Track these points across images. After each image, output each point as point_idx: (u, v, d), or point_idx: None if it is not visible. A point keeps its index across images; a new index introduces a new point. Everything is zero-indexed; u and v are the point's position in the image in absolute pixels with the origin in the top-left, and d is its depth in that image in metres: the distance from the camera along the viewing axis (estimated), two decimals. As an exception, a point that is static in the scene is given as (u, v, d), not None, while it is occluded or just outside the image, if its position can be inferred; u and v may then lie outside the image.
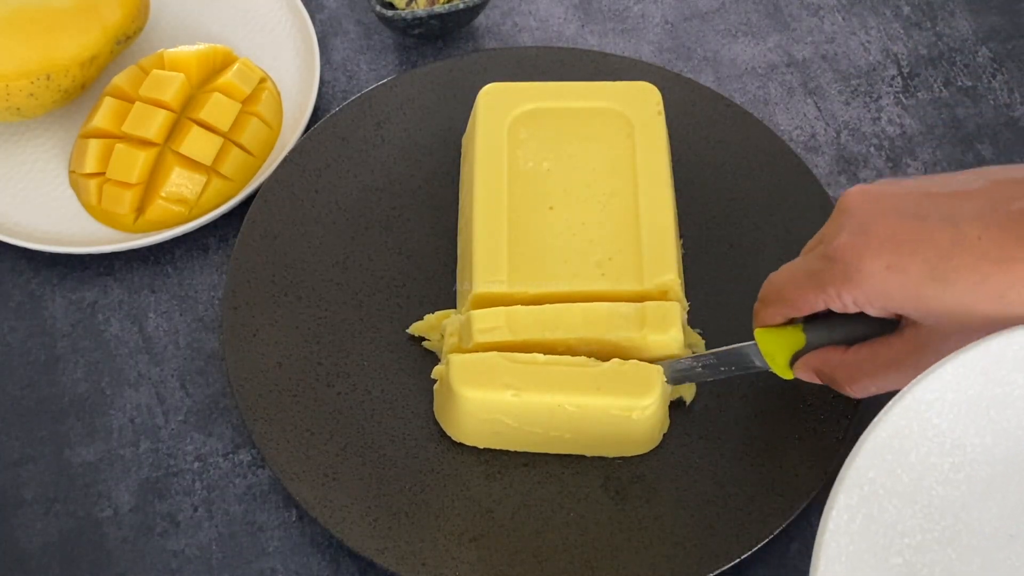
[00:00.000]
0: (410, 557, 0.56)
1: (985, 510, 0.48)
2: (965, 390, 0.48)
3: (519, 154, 0.63)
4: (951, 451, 0.48)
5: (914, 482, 0.47)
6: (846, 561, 0.46)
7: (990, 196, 0.47)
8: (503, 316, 0.57)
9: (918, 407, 0.48)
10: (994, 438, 0.48)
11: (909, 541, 0.47)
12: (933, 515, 0.47)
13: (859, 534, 0.46)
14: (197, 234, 0.69)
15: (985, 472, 0.48)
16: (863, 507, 0.46)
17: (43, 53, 0.66)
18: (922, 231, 0.47)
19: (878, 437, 0.47)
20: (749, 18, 0.78)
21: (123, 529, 0.59)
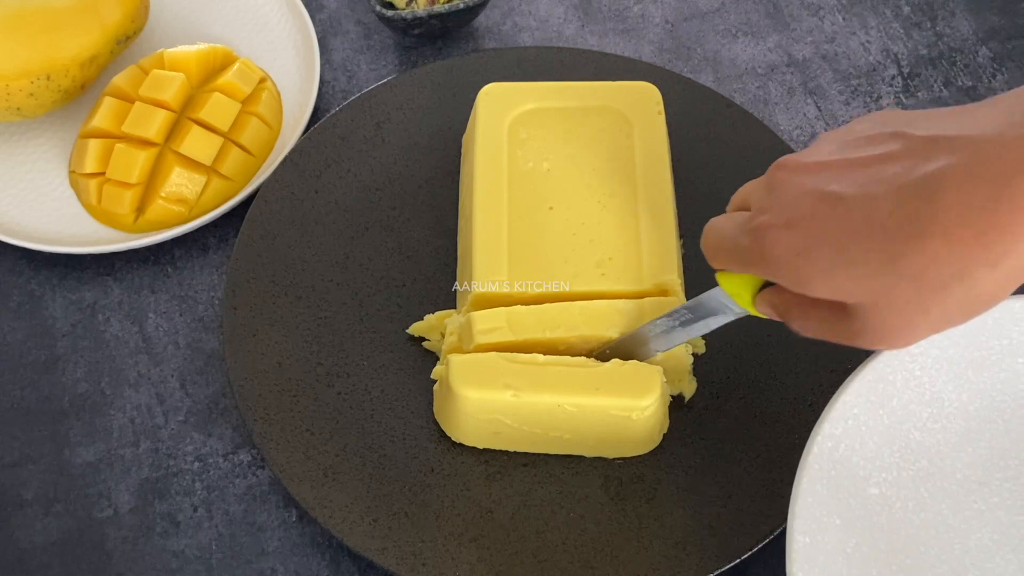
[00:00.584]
0: (410, 557, 0.56)
1: (957, 459, 0.51)
2: (947, 349, 0.52)
3: (519, 154, 0.63)
4: (930, 402, 0.52)
5: (894, 425, 0.51)
6: (827, 483, 0.49)
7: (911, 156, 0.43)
8: (504, 316, 0.57)
9: (903, 358, 0.51)
10: (970, 396, 0.52)
11: (886, 476, 0.50)
12: (909, 456, 0.51)
13: (841, 462, 0.50)
14: (197, 234, 0.69)
15: (960, 425, 0.52)
16: (846, 438, 0.50)
17: (43, 53, 0.66)
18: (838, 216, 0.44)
19: (864, 379, 0.51)
20: (749, 18, 0.78)
21: (123, 529, 0.59)
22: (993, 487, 0.51)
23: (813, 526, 0.48)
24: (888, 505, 0.50)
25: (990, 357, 0.52)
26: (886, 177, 0.43)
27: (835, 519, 0.49)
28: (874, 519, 0.50)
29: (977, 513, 0.51)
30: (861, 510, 0.50)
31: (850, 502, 0.49)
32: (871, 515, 0.50)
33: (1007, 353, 0.53)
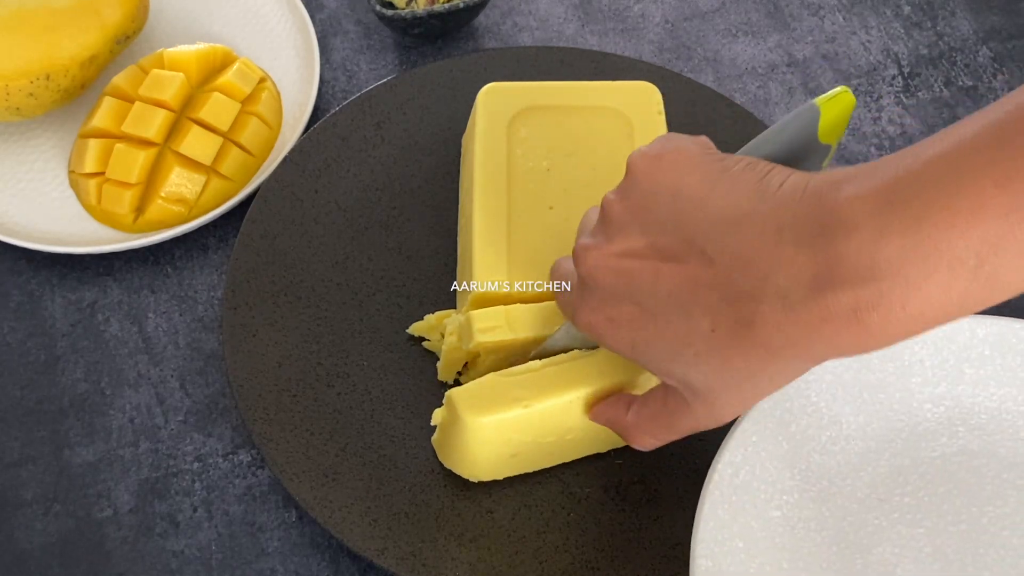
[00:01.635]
0: (410, 557, 0.56)
1: (858, 478, 0.53)
2: (841, 374, 0.54)
3: (519, 154, 0.63)
4: (828, 426, 0.54)
5: (794, 449, 0.53)
6: (728, 508, 0.51)
7: (722, 283, 0.43)
8: (503, 315, 0.57)
9: (798, 385, 0.54)
10: (867, 417, 0.54)
11: (787, 498, 0.52)
12: (810, 478, 0.53)
13: (741, 487, 0.51)
14: (197, 234, 0.69)
15: (859, 446, 0.54)
16: (746, 464, 0.52)
17: (43, 53, 0.66)
18: (659, 321, 0.46)
19: (762, 407, 0.53)
20: (749, 18, 0.78)
21: (123, 529, 0.59)
22: (893, 503, 0.53)
23: (716, 550, 0.50)
24: (790, 526, 0.52)
25: (885, 379, 0.55)
26: (701, 301, 0.44)
27: (737, 542, 0.50)
28: (776, 540, 0.51)
29: (878, 529, 0.52)
30: (763, 532, 0.51)
31: (752, 525, 0.51)
32: (773, 536, 0.51)
33: (900, 375, 0.55)
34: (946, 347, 0.55)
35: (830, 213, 0.40)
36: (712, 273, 0.44)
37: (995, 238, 0.37)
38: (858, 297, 0.39)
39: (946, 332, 0.55)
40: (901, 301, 0.38)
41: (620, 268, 0.47)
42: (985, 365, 0.56)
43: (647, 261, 0.46)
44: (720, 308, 0.44)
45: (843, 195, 0.40)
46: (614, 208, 0.48)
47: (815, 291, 0.40)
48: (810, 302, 0.40)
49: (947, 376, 0.55)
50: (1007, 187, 0.37)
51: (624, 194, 0.48)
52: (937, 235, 0.37)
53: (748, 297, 0.42)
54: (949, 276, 0.38)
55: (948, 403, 0.55)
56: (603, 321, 0.48)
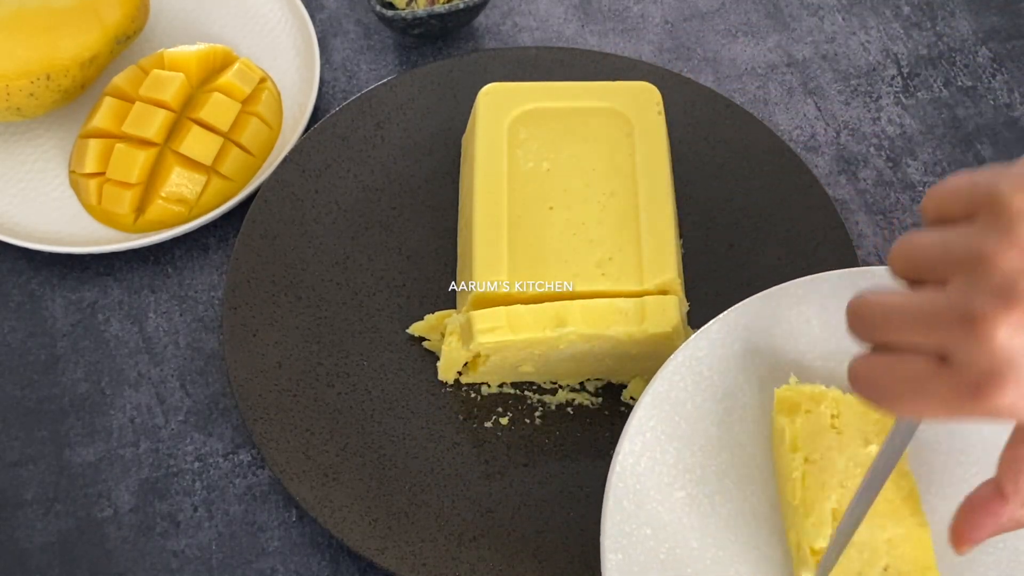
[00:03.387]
0: (410, 557, 0.56)
1: (757, 445, 0.53)
2: (731, 345, 0.54)
3: (519, 154, 0.63)
4: (723, 398, 0.54)
5: (691, 426, 0.53)
6: (633, 497, 0.51)
7: None
8: (504, 315, 0.57)
9: (690, 363, 0.53)
10: (760, 383, 0.54)
11: (690, 476, 0.52)
12: (711, 452, 0.53)
13: (644, 474, 0.51)
14: (197, 234, 0.69)
15: (756, 413, 0.54)
16: (646, 452, 0.52)
17: (43, 53, 0.66)
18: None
19: (656, 391, 0.53)
20: (749, 18, 0.79)
21: (123, 529, 0.59)
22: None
23: (624, 542, 0.50)
24: (696, 504, 0.52)
25: (773, 343, 0.54)
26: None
27: (645, 530, 0.50)
28: (684, 520, 0.51)
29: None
30: (670, 515, 0.51)
31: (658, 510, 0.51)
32: (680, 517, 0.51)
33: (788, 337, 0.54)
34: (831, 303, 0.54)
35: None
36: None
37: None
38: None
39: (829, 288, 0.54)
40: None
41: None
42: None
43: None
44: None
45: None
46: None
47: None
48: None
49: (835, 333, 0.54)
50: None
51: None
52: None
53: None
54: None
55: (839, 359, 0.54)
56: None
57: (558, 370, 0.61)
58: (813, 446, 0.50)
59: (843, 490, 0.49)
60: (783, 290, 0.54)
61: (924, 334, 0.36)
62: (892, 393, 0.37)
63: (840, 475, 0.49)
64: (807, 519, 0.48)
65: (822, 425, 0.50)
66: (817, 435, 0.50)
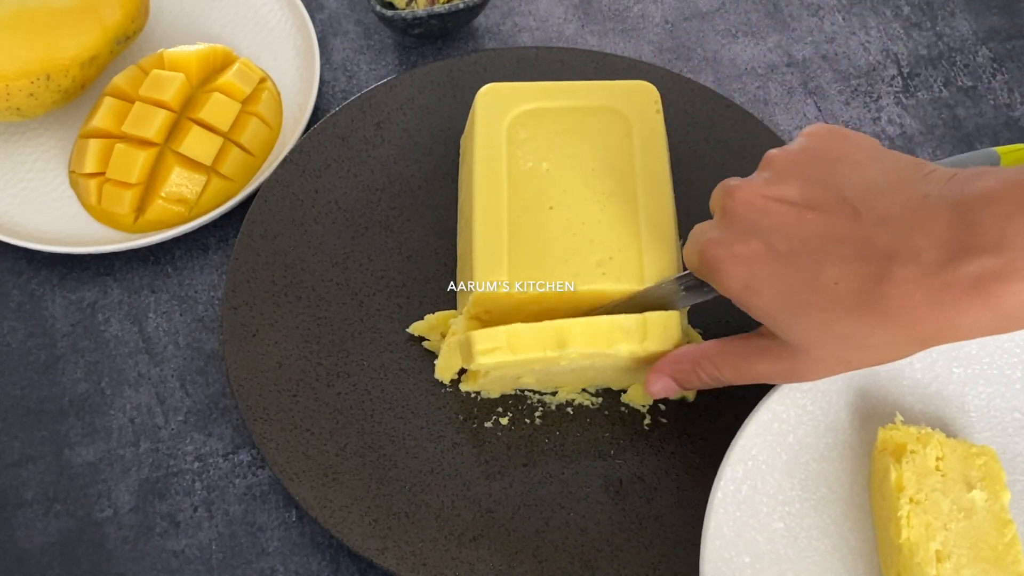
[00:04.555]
0: (410, 557, 0.56)
1: (856, 483, 0.54)
2: (834, 381, 0.55)
3: (518, 154, 0.63)
4: (825, 433, 0.55)
5: (793, 459, 0.54)
6: (733, 525, 0.51)
7: (861, 238, 0.46)
8: (503, 336, 0.56)
9: (794, 395, 0.54)
10: (862, 421, 0.55)
11: (789, 509, 0.53)
12: (810, 487, 0.54)
13: (745, 502, 0.52)
14: (197, 234, 0.69)
15: (857, 450, 0.55)
16: (747, 479, 0.52)
17: (43, 53, 0.66)
18: (784, 263, 0.48)
19: (760, 420, 0.54)
20: (749, 18, 0.79)
21: (123, 529, 0.59)
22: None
23: (723, 568, 0.50)
24: (793, 536, 0.52)
25: (877, 382, 0.56)
26: (835, 251, 0.46)
27: (744, 557, 0.51)
28: (780, 551, 0.52)
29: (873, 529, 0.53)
30: (768, 545, 0.52)
31: (757, 538, 0.52)
32: (778, 548, 0.52)
33: (891, 379, 0.56)
34: (935, 348, 0.55)
35: (972, 189, 0.43)
36: (855, 227, 0.46)
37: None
38: (983, 266, 0.42)
39: None
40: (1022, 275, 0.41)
41: (766, 207, 0.49)
42: (972, 364, 0.56)
43: (794, 207, 0.48)
44: (852, 263, 0.45)
45: (986, 179, 0.43)
46: (778, 158, 0.51)
47: (947, 255, 0.43)
48: (941, 267, 0.43)
49: (936, 377, 0.56)
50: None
51: (790, 152, 0.51)
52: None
53: (883, 255, 0.44)
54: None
55: (938, 403, 0.55)
56: (727, 255, 0.49)
57: (558, 380, 0.61)
58: (918, 487, 0.51)
59: (947, 532, 0.50)
60: None
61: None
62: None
63: (944, 518, 0.50)
64: (912, 559, 0.49)
65: (927, 467, 0.51)
66: (922, 476, 0.51)
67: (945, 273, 0.43)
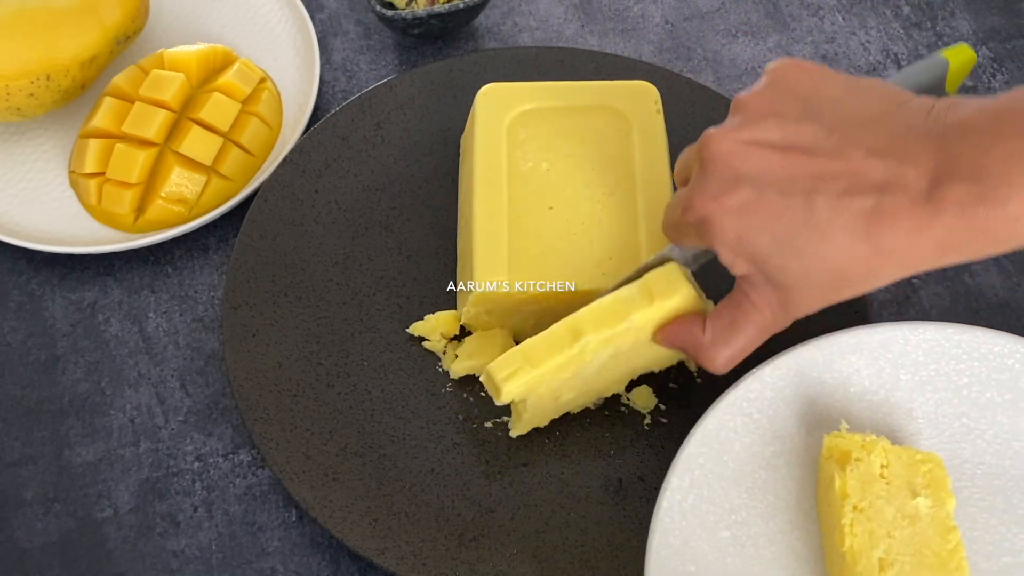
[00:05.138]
0: (410, 557, 0.56)
1: (803, 491, 0.54)
2: (781, 389, 0.55)
3: (518, 154, 0.63)
4: (772, 441, 0.54)
5: (739, 467, 0.53)
6: (679, 534, 0.51)
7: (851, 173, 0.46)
8: (518, 355, 0.56)
9: (740, 404, 0.54)
10: (809, 428, 0.55)
11: (736, 517, 0.53)
12: (756, 495, 0.53)
13: (691, 511, 0.52)
14: (197, 234, 0.69)
15: (803, 458, 0.54)
16: (694, 489, 0.52)
17: (43, 53, 0.66)
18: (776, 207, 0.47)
19: (706, 429, 0.53)
20: (749, 18, 0.79)
21: (123, 529, 0.59)
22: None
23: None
24: (740, 545, 0.52)
25: (824, 391, 0.55)
26: (826, 188, 0.47)
27: (690, 567, 0.51)
28: (727, 561, 0.52)
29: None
30: (714, 554, 0.52)
31: (703, 548, 0.51)
32: (724, 558, 0.52)
33: (839, 385, 0.55)
34: (882, 355, 0.55)
35: (953, 120, 0.45)
36: (842, 164, 0.47)
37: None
38: (968, 191, 0.44)
39: (881, 340, 0.55)
40: (1004, 199, 0.43)
41: (748, 152, 0.49)
42: (920, 371, 0.55)
43: (776, 149, 0.48)
44: (842, 198, 0.46)
45: (965, 109, 0.45)
46: (749, 102, 0.50)
47: (934, 184, 0.44)
48: (928, 195, 0.45)
49: (884, 384, 0.55)
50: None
51: (760, 92, 0.50)
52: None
53: (875, 188, 0.46)
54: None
55: (886, 411, 0.55)
56: (717, 209, 0.49)
57: (598, 385, 0.59)
58: (862, 494, 0.51)
59: (891, 540, 0.49)
60: (835, 339, 0.55)
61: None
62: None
63: (888, 525, 0.50)
64: (855, 567, 0.49)
65: (872, 474, 0.51)
66: (867, 484, 0.51)
67: (933, 202, 0.44)
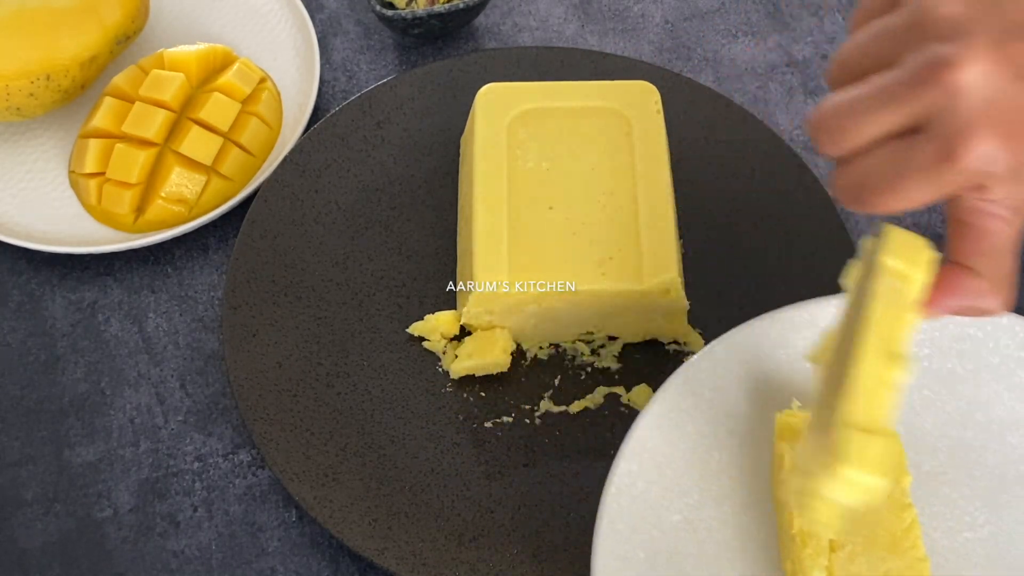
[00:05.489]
0: (410, 557, 0.56)
1: (758, 471, 0.52)
2: (733, 367, 0.53)
3: (518, 154, 0.63)
4: (724, 421, 0.52)
5: (691, 449, 0.51)
6: (627, 520, 0.49)
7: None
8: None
9: (691, 384, 0.52)
10: (762, 407, 0.52)
11: (688, 500, 0.50)
12: (709, 477, 0.51)
13: (640, 496, 0.50)
14: (197, 234, 0.69)
15: (758, 437, 0.52)
16: (644, 472, 0.50)
17: (43, 53, 0.66)
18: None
19: (656, 411, 0.51)
20: (749, 18, 0.79)
21: (123, 529, 0.59)
22: None
23: (616, 565, 0.48)
24: (692, 529, 0.50)
25: (777, 367, 0.53)
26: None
27: (639, 553, 0.49)
28: (678, 546, 0.50)
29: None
30: (664, 540, 0.50)
31: (653, 533, 0.50)
32: (675, 542, 0.50)
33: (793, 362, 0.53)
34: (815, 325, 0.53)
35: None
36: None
37: None
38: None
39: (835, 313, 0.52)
40: None
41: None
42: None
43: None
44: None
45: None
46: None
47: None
48: None
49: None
50: None
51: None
52: None
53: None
54: None
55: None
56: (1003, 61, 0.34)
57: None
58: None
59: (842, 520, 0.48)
60: (788, 313, 0.53)
61: (892, 110, 0.35)
62: (873, 185, 0.36)
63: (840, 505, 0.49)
64: (804, 550, 0.47)
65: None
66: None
67: None
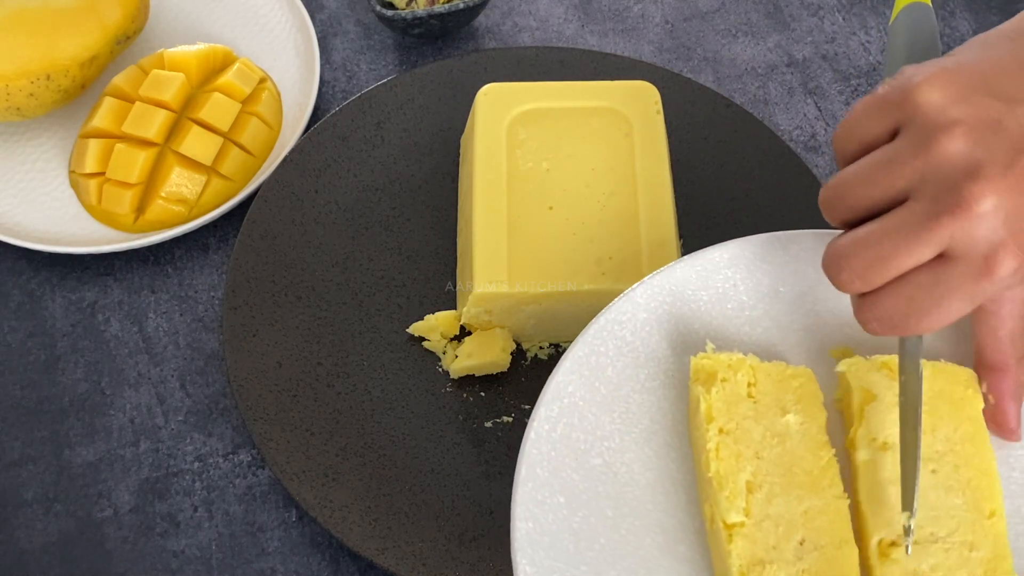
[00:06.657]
0: (410, 557, 0.56)
1: (679, 413, 0.51)
2: (654, 310, 0.52)
3: (518, 154, 0.63)
4: (646, 363, 0.51)
5: (612, 392, 0.51)
6: (547, 465, 0.49)
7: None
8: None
9: (612, 327, 0.51)
10: (684, 349, 0.52)
11: (608, 444, 0.50)
12: (631, 420, 0.50)
13: (560, 441, 0.49)
14: (197, 234, 0.69)
15: (678, 380, 0.51)
16: (563, 417, 0.50)
17: (43, 53, 0.66)
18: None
19: (576, 356, 0.50)
20: (749, 18, 0.79)
21: (123, 529, 0.59)
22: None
23: (535, 510, 0.48)
24: (612, 472, 0.49)
25: (699, 308, 0.52)
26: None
27: (559, 498, 0.48)
28: (599, 489, 0.49)
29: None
30: (585, 483, 0.49)
31: (573, 477, 0.49)
32: (596, 486, 0.49)
33: (715, 302, 0.52)
34: (759, 268, 0.52)
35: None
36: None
37: None
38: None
39: (757, 252, 0.53)
40: None
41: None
42: (800, 282, 0.52)
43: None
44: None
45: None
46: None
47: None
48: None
49: (763, 298, 0.52)
50: None
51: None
52: None
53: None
54: None
55: (766, 324, 0.52)
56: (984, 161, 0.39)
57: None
58: (729, 416, 0.48)
59: (759, 461, 0.47)
60: (708, 254, 0.52)
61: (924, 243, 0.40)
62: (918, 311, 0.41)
63: (756, 446, 0.48)
64: (721, 492, 0.47)
65: (738, 394, 0.49)
66: (733, 405, 0.48)
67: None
